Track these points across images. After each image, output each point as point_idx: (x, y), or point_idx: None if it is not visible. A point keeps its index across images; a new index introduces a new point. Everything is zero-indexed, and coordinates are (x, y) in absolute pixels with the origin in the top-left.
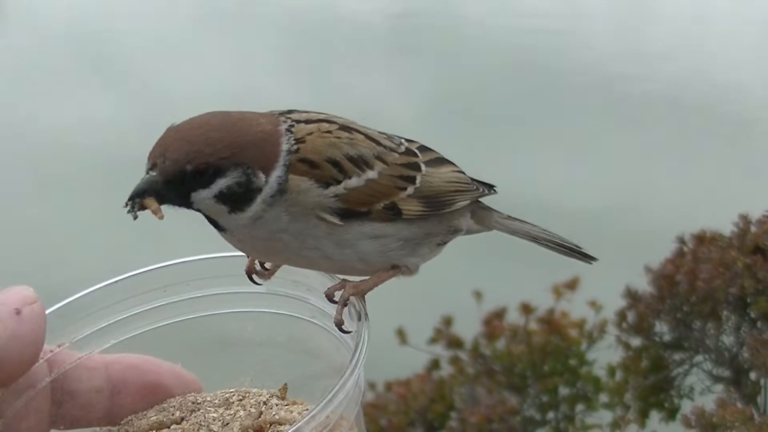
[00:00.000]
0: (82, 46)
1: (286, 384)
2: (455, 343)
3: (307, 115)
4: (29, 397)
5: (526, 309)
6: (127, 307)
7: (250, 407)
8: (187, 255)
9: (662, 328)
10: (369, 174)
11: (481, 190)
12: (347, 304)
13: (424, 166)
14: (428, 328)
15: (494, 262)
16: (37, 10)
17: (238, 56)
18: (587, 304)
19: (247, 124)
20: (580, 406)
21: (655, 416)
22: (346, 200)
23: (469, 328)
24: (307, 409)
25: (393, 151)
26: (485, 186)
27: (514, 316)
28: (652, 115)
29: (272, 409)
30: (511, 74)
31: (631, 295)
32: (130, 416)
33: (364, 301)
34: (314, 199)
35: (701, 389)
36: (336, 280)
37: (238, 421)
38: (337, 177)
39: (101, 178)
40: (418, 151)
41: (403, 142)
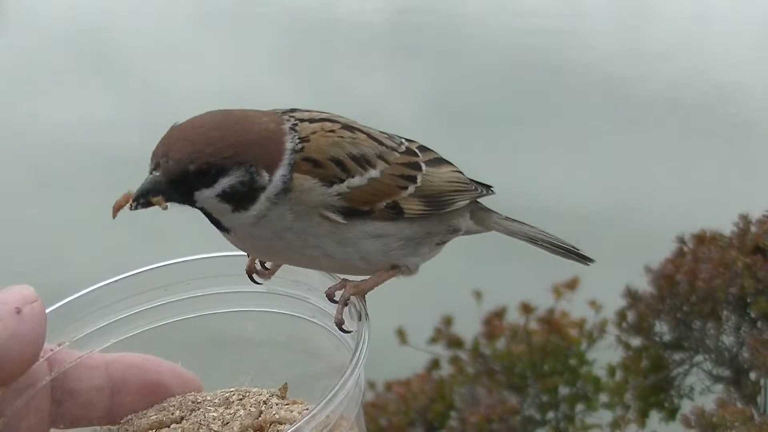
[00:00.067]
0: (82, 46)
1: (286, 383)
2: (455, 343)
3: (309, 114)
4: (29, 396)
5: (526, 309)
6: (128, 306)
7: (250, 406)
8: (188, 254)
9: (662, 328)
10: (371, 173)
11: (480, 191)
12: (348, 303)
13: (424, 166)
14: (428, 328)
15: (494, 262)
16: (37, 10)
17: (238, 56)
18: (587, 304)
19: (250, 122)
20: (580, 406)
21: (655, 416)
22: (349, 199)
23: (469, 328)
24: (307, 409)
25: (394, 150)
26: (483, 186)
27: (514, 316)
28: (652, 115)
29: (272, 408)
30: (511, 74)
31: (631, 295)
32: (130, 415)
33: (365, 301)
34: (318, 197)
35: (701, 389)
36: (336, 279)
37: (238, 421)
38: (341, 176)
39: (101, 178)
40: (418, 150)
41: (404, 142)
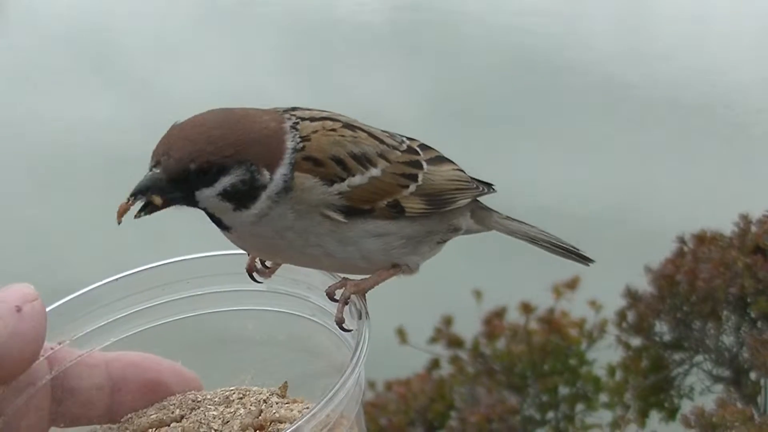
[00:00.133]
0: (82, 46)
1: (287, 382)
2: (455, 343)
3: (310, 113)
4: (29, 395)
5: (526, 308)
6: (128, 305)
7: (251, 405)
8: (187, 253)
9: (662, 328)
10: (372, 172)
11: (481, 189)
12: (348, 302)
13: (425, 164)
14: (428, 328)
15: (494, 262)
16: (37, 10)
17: (238, 56)
18: (587, 304)
19: (251, 121)
20: (580, 406)
21: (654, 416)
22: (350, 198)
23: (469, 328)
24: (308, 408)
25: (395, 149)
26: (484, 185)
27: (514, 316)
28: (652, 115)
29: (272, 407)
30: (511, 74)
31: (631, 295)
32: (131, 414)
33: (365, 300)
34: (319, 196)
35: (701, 389)
36: (336, 278)
37: (239, 419)
38: (341, 175)
39: (101, 178)
40: (419, 149)
41: (405, 140)
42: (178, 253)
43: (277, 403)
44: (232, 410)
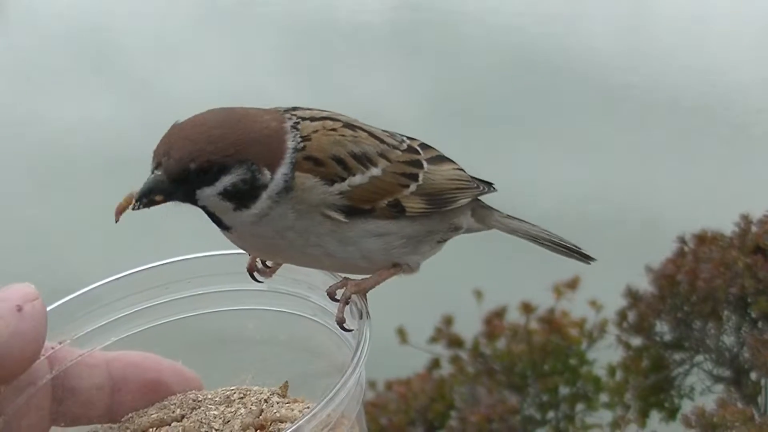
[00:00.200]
0: (82, 46)
1: (287, 382)
2: (455, 343)
3: (311, 113)
4: (30, 395)
5: (527, 308)
6: (128, 305)
7: (251, 405)
8: (188, 253)
9: (663, 328)
10: (373, 171)
11: (481, 188)
12: (349, 302)
13: (426, 164)
14: (429, 328)
15: (495, 262)
16: (37, 10)
17: (238, 56)
18: (588, 304)
19: (252, 120)
20: (580, 406)
21: (655, 416)
22: (351, 198)
23: (469, 328)
24: (308, 407)
25: (395, 148)
26: (485, 184)
27: (515, 316)
28: (652, 115)
29: (273, 407)
30: (511, 74)
31: (632, 295)
32: (131, 413)
33: (366, 300)
34: (320, 196)
35: (701, 389)
36: (337, 278)
37: (239, 419)
38: (342, 174)
39: (101, 178)
40: (420, 148)
41: (405, 140)
42: (179, 252)
43: (278, 403)
44: (232, 410)
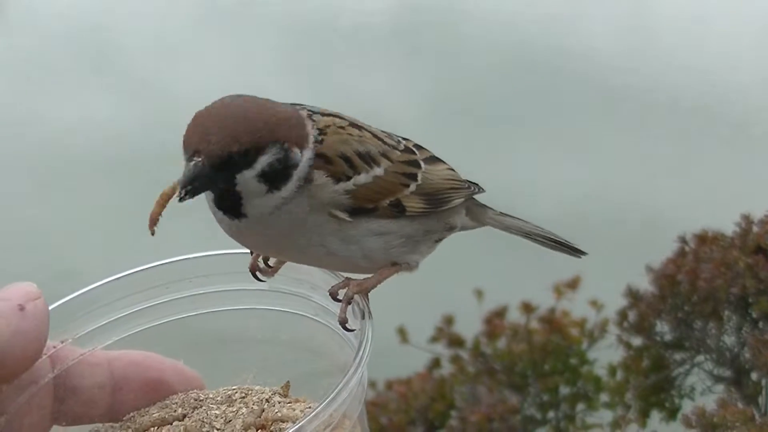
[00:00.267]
0: (82, 46)
1: (289, 381)
2: (456, 342)
3: (318, 108)
4: (32, 394)
5: (527, 308)
6: (130, 304)
7: (253, 404)
8: (189, 253)
9: (663, 328)
10: (376, 171)
11: (473, 189)
12: (351, 302)
13: (423, 164)
14: (429, 327)
15: (495, 261)
16: (37, 10)
17: (238, 56)
18: (588, 304)
19: (273, 104)
20: (580, 406)
21: (655, 416)
22: (356, 197)
23: (469, 327)
24: (310, 407)
25: (394, 148)
26: (474, 185)
27: (515, 315)
28: (652, 115)
29: (275, 406)
30: (511, 74)
31: (632, 295)
32: (133, 413)
33: (368, 300)
34: (329, 194)
35: (702, 389)
36: (339, 277)
37: (241, 419)
38: (348, 173)
39: (101, 178)
40: (415, 148)
41: (401, 140)
42: (179, 252)
43: (280, 403)
44: (234, 409)
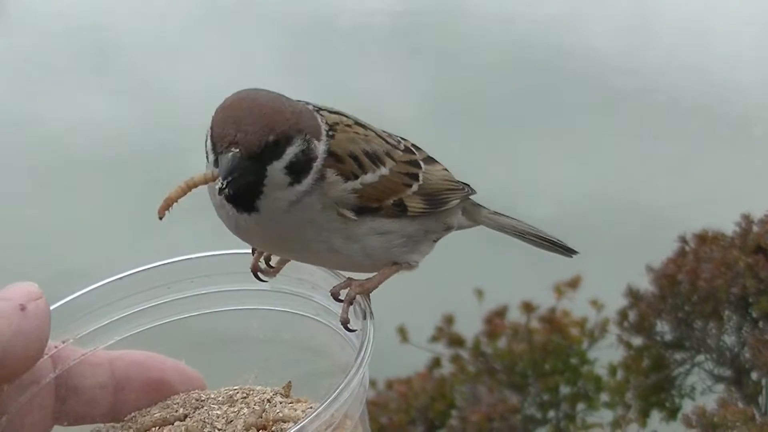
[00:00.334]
0: (82, 46)
1: (290, 382)
2: (456, 342)
3: (322, 105)
4: (33, 393)
5: (528, 307)
6: (132, 304)
7: (254, 405)
8: (191, 253)
9: (663, 328)
10: (382, 170)
11: (467, 190)
12: (353, 302)
13: (422, 164)
14: (429, 327)
15: (495, 261)
16: (37, 10)
17: (238, 56)
18: (589, 303)
19: (286, 97)
20: (581, 405)
21: (656, 416)
22: (362, 196)
23: (470, 327)
24: (311, 407)
25: (396, 148)
26: (466, 185)
27: (516, 315)
28: (652, 115)
29: (276, 406)
30: (511, 74)
31: (633, 295)
32: (134, 413)
33: (369, 300)
34: (338, 193)
35: (702, 389)
36: (340, 277)
37: (242, 419)
38: (357, 172)
39: (101, 178)
40: (413, 148)
41: (401, 140)
42: (180, 252)
43: (281, 403)
44: (235, 409)
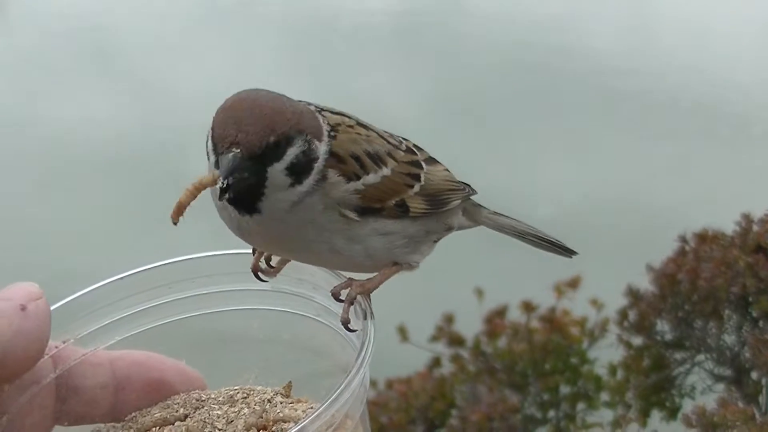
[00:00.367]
0: (82, 45)
1: (291, 382)
2: (456, 341)
3: (324, 106)
4: (34, 393)
5: (528, 307)
6: (132, 304)
7: (255, 405)
8: (192, 253)
9: (663, 327)
10: (384, 171)
11: (467, 190)
12: (354, 302)
13: (424, 165)
14: (429, 326)
15: (496, 260)
16: (38, 10)
17: (238, 56)
18: (589, 303)
19: (287, 98)
20: (581, 405)
21: (656, 415)
22: (364, 196)
23: (470, 326)
24: (312, 408)
25: (397, 148)
26: (467, 185)
27: (516, 314)
28: (652, 115)
29: (276, 407)
30: (511, 74)
31: (633, 294)
32: (134, 413)
33: (370, 300)
34: (340, 194)
35: (702, 388)
36: (341, 278)
37: (242, 419)
38: (359, 173)
39: (101, 178)
40: (415, 149)
41: (402, 140)
42: (181, 252)
43: (282, 403)
44: (236, 410)
